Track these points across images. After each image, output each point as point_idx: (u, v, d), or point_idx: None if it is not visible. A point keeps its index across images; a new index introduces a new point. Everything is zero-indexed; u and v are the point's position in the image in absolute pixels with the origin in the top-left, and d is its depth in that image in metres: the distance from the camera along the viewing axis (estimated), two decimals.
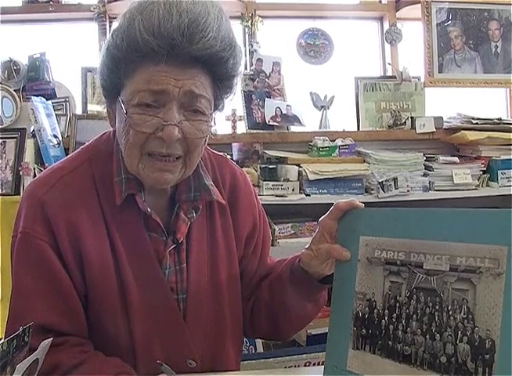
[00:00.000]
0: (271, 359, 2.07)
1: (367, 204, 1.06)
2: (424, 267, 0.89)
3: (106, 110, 1.17)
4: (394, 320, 0.91)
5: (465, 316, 0.82)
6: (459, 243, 0.85)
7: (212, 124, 1.12)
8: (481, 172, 2.82)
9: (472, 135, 2.80)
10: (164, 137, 1.03)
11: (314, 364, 2.05)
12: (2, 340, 0.85)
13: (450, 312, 0.84)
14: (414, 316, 0.89)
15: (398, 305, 0.91)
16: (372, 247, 0.97)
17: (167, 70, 1.02)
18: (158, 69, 1.02)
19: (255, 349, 2.40)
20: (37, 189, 1.12)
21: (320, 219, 1.10)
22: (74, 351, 1.07)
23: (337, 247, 1.04)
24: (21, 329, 0.86)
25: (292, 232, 2.62)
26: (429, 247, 0.89)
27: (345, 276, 1.01)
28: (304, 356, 2.10)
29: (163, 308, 1.15)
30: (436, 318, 0.85)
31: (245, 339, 2.08)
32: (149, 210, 1.13)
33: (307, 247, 1.14)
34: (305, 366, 2.06)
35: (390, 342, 0.91)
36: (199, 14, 1.00)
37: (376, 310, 0.94)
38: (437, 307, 0.86)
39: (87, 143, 1.23)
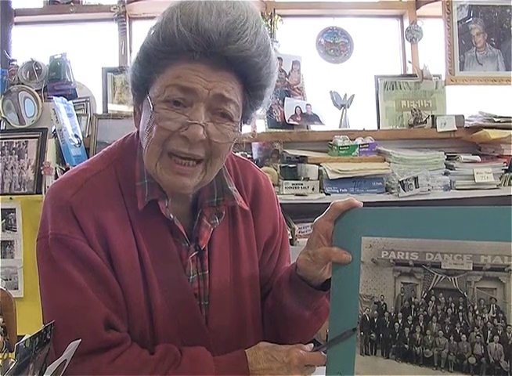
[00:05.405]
0: None
1: (388, 204, 1.04)
2: (443, 267, 0.87)
3: (132, 110, 1.15)
4: (409, 323, 0.89)
5: (494, 315, 0.81)
6: (481, 241, 0.83)
7: (238, 132, 1.10)
8: (503, 171, 2.79)
9: (494, 134, 2.77)
10: (188, 136, 1.01)
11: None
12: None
13: (477, 312, 0.83)
14: (434, 317, 0.87)
15: (413, 306, 0.89)
16: (377, 248, 0.94)
17: (200, 69, 1.00)
18: (190, 67, 1.00)
19: None
20: (65, 191, 1.10)
21: (315, 221, 1.06)
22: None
23: (335, 249, 1.00)
24: (43, 327, 0.87)
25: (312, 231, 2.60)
26: (446, 246, 0.87)
27: (345, 280, 0.97)
28: None
29: (186, 314, 1.14)
30: (460, 318, 0.84)
31: None
32: (171, 216, 1.11)
33: (303, 251, 1.10)
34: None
35: (406, 346, 0.89)
36: (238, 17, 0.99)
37: (387, 313, 0.92)
38: (460, 307, 0.84)
39: (110, 146, 1.21)
